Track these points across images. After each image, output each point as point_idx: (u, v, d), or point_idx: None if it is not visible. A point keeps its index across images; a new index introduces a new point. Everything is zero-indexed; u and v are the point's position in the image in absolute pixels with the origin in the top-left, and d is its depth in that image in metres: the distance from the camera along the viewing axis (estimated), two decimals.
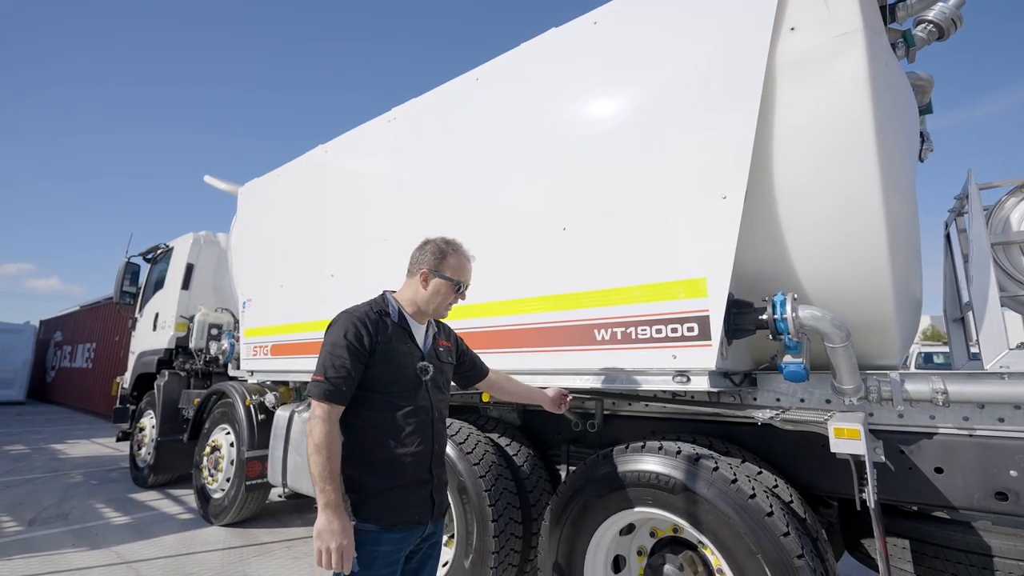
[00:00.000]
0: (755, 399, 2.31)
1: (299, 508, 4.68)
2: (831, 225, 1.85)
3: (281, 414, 3.94)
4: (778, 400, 2.24)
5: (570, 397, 2.18)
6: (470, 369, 1.99)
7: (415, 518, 1.53)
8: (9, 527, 4.33)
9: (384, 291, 1.74)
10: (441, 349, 1.77)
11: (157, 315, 6.12)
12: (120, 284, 6.44)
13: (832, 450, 1.60)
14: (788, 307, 1.84)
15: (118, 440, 6.47)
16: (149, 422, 5.82)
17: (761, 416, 1.85)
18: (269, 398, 4.16)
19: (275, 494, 4.46)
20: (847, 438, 1.57)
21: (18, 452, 8.01)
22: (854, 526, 2.31)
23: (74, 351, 16.59)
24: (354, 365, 1.48)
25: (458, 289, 1.72)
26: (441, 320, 1.86)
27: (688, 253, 1.97)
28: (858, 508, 1.60)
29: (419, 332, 1.70)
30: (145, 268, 6.77)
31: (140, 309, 6.67)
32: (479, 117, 2.81)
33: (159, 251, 6.51)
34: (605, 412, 2.72)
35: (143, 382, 6.26)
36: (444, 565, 2.77)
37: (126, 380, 6.62)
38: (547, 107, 2.51)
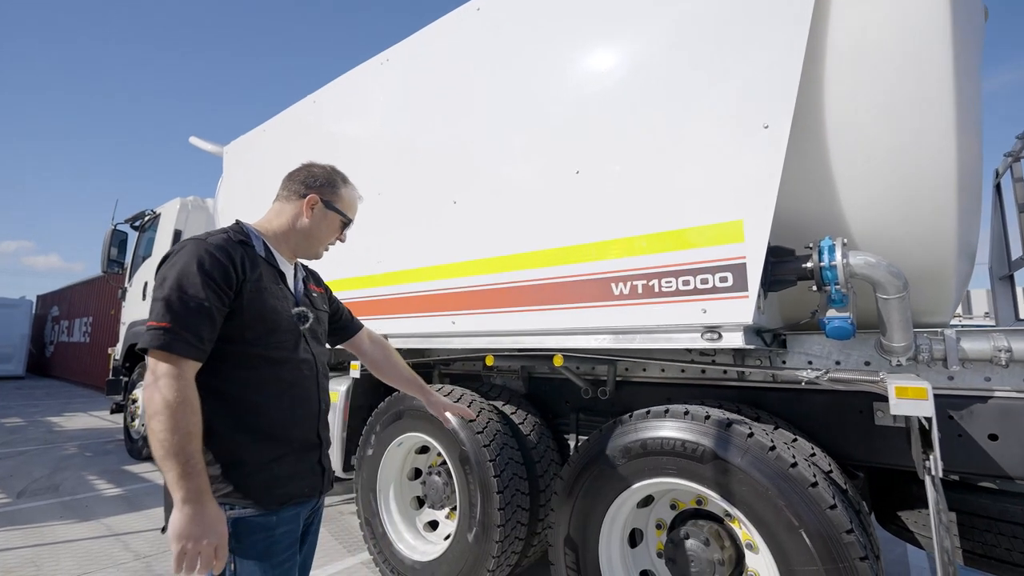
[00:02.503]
0: (784, 362, 2.11)
1: None
2: (893, 158, 1.60)
3: None
4: (810, 363, 2.03)
5: (462, 417, 1.85)
6: (338, 321, 1.66)
7: (304, 490, 1.26)
8: None
9: (238, 220, 1.38)
10: (315, 295, 1.47)
11: (146, 284, 5.89)
12: (107, 253, 6.20)
13: (892, 412, 1.39)
14: (838, 253, 1.61)
15: (112, 412, 6.34)
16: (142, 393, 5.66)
17: (807, 375, 1.64)
18: None
19: None
20: (911, 398, 1.36)
21: (13, 424, 7.90)
22: (886, 497, 2.13)
23: (71, 325, 16.47)
24: (216, 306, 1.12)
25: (344, 228, 1.45)
26: (307, 265, 1.55)
27: (722, 193, 1.72)
28: (921, 478, 1.40)
29: (288, 273, 1.38)
30: (133, 236, 6.52)
31: (129, 278, 6.44)
32: (480, 50, 2.52)
33: (146, 218, 6.25)
34: (617, 378, 2.52)
35: (135, 353, 6.08)
36: (446, 538, 2.62)
37: (118, 351, 6.44)
38: (558, 30, 2.22)
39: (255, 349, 1.20)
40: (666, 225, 1.84)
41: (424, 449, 2.91)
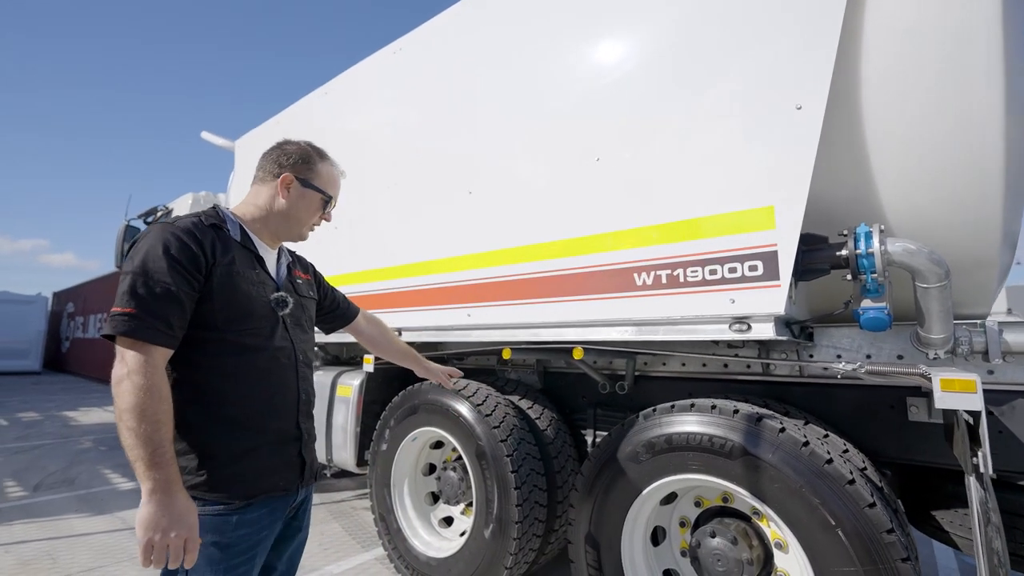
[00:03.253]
0: (811, 355, 2.03)
1: None
2: (936, 142, 1.52)
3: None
4: (838, 356, 1.95)
5: (457, 377, 1.89)
6: (333, 310, 1.63)
7: (281, 484, 1.20)
8: (13, 492, 4.24)
9: (215, 204, 1.33)
10: (300, 281, 1.42)
11: None
12: (121, 249, 6.21)
13: (938, 406, 1.32)
14: (875, 240, 1.54)
15: None
16: None
17: (843, 368, 1.57)
18: None
19: None
20: (959, 391, 1.29)
21: (30, 419, 8.00)
22: (917, 496, 2.05)
23: (86, 322, 16.69)
24: (184, 291, 1.07)
25: (326, 206, 1.37)
26: (294, 251, 1.50)
27: (751, 178, 1.65)
28: (969, 476, 1.32)
29: (269, 258, 1.32)
30: None
31: None
32: (496, 36, 2.46)
33: (159, 213, 6.25)
34: (636, 373, 2.46)
35: None
36: (462, 535, 2.58)
37: None
38: (578, 11, 2.15)
39: (228, 335, 1.15)
40: (692, 212, 1.78)
41: (438, 444, 2.87)
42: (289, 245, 1.47)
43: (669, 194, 1.83)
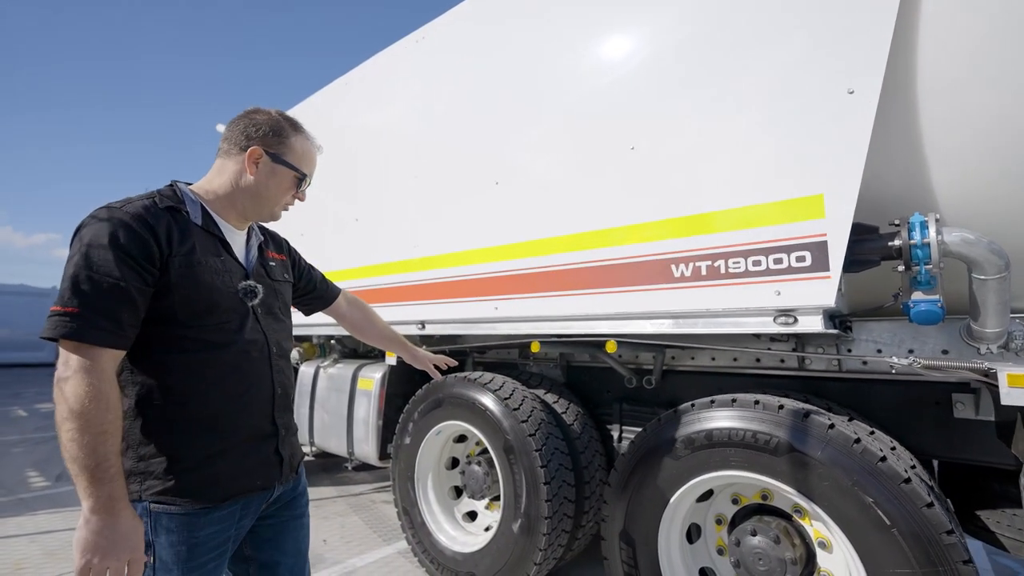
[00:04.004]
0: (849, 350, 1.98)
1: (326, 467, 4.55)
2: (997, 126, 1.45)
3: (305, 370, 3.74)
4: (879, 351, 1.90)
5: (448, 365, 1.79)
6: (310, 291, 1.52)
7: (256, 483, 1.13)
8: (36, 482, 4.29)
9: (173, 181, 1.18)
10: (273, 264, 1.29)
11: None
12: None
13: (1004, 402, 1.26)
14: (931, 230, 1.47)
15: None
16: None
17: (898, 362, 1.51)
18: (292, 355, 3.96)
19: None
20: None
21: (48, 410, 8.10)
22: (959, 495, 2.00)
23: None
24: (136, 285, 0.97)
25: (300, 185, 1.23)
26: (264, 225, 1.36)
27: (800, 165, 1.59)
28: None
29: (237, 240, 1.20)
30: None
31: None
32: (525, 21, 2.41)
33: None
34: (663, 367, 2.41)
35: None
36: (486, 529, 2.56)
37: None
38: None
39: (191, 332, 1.05)
40: (734, 202, 1.72)
41: (461, 438, 2.84)
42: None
43: (709, 183, 1.78)
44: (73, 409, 0.90)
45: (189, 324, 1.05)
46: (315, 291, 1.55)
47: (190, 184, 1.20)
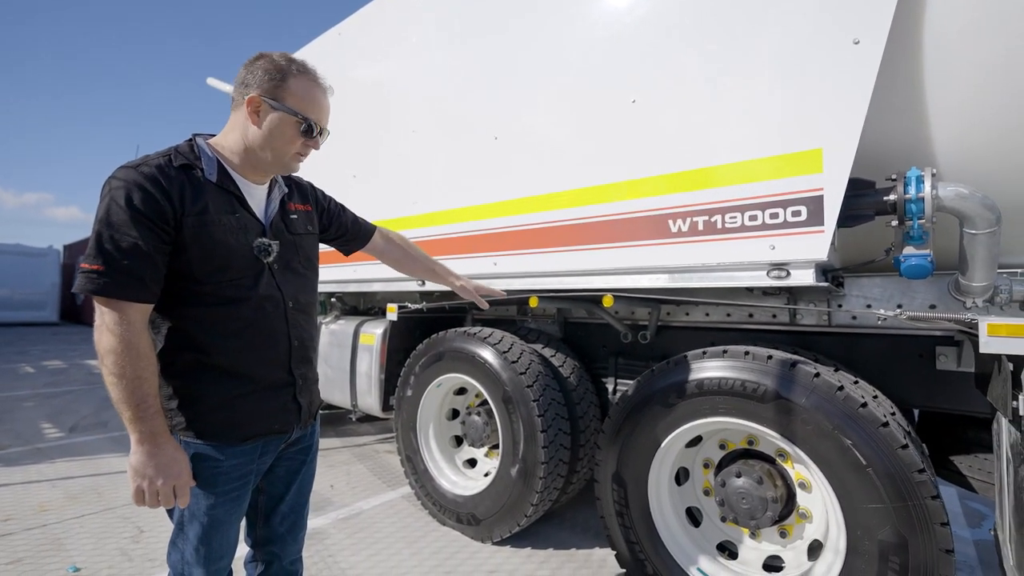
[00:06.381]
0: (840, 305, 2.03)
1: (331, 420, 4.71)
2: (1002, 82, 1.44)
3: None
4: (868, 306, 1.95)
5: (494, 296, 1.79)
6: (342, 235, 1.54)
7: (274, 427, 1.21)
8: (51, 433, 4.43)
9: (194, 135, 1.18)
10: (294, 217, 1.29)
11: None
12: None
13: (983, 351, 1.32)
14: (927, 184, 1.49)
15: None
16: None
17: (884, 314, 1.56)
18: None
19: None
20: (1007, 336, 1.28)
21: (55, 367, 8.26)
22: (935, 442, 2.10)
23: None
24: (152, 244, 1.01)
25: (308, 131, 1.16)
26: (293, 175, 1.34)
27: (800, 119, 1.58)
28: (1006, 418, 1.34)
29: (256, 195, 1.20)
30: None
31: None
32: None
33: None
34: (659, 323, 2.48)
35: None
36: (486, 475, 2.68)
37: None
38: None
39: (207, 287, 1.09)
40: (732, 156, 1.72)
41: (461, 391, 2.94)
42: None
43: (707, 137, 1.77)
44: (109, 358, 0.99)
45: (205, 281, 1.09)
46: (348, 233, 1.55)
47: (211, 137, 1.20)
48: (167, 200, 1.03)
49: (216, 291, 1.10)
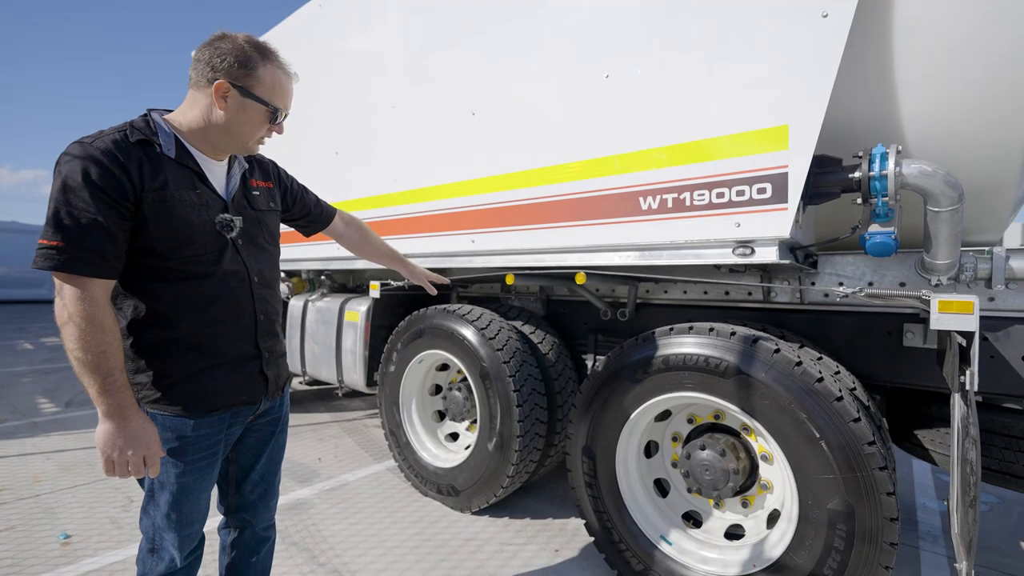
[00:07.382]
0: (813, 283, 2.04)
1: (321, 395, 4.78)
2: (969, 58, 1.42)
3: (295, 303, 3.83)
4: (841, 284, 1.97)
5: (440, 283, 1.90)
6: (305, 215, 1.55)
7: (241, 398, 1.23)
8: (47, 408, 4.51)
9: (149, 110, 1.16)
10: (256, 193, 1.29)
11: None
12: None
13: (933, 327, 1.34)
14: (891, 162, 1.49)
15: None
16: None
17: (843, 291, 1.58)
18: (281, 288, 4.04)
19: (296, 382, 4.54)
20: (956, 312, 1.31)
21: (53, 343, 8.33)
22: (902, 418, 2.15)
23: None
24: (113, 219, 1.01)
25: (274, 118, 1.19)
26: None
27: (767, 95, 1.57)
28: (955, 393, 1.37)
29: (215, 171, 1.20)
30: None
31: None
32: None
33: None
34: (637, 300, 2.50)
35: None
36: (467, 448, 2.75)
37: None
38: None
39: (170, 263, 1.10)
40: (701, 133, 1.71)
41: (444, 367, 2.98)
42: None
43: (678, 114, 1.76)
44: (72, 333, 0.99)
45: (168, 256, 1.09)
46: (310, 214, 1.58)
47: (168, 112, 1.19)
48: (126, 175, 1.02)
49: (180, 266, 1.12)
